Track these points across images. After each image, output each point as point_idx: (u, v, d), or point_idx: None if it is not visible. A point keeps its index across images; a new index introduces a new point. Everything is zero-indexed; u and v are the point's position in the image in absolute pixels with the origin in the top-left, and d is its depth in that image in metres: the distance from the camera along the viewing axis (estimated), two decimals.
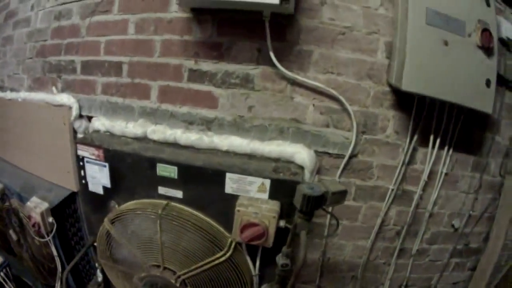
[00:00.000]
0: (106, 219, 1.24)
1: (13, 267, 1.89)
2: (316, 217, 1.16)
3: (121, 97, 1.31)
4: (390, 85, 1.19)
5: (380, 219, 1.32)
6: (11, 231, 1.70)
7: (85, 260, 1.64)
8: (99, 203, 1.29)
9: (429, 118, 1.23)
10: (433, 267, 1.48)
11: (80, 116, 1.40)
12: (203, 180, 1.13)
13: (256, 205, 1.09)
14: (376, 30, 1.18)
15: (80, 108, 1.39)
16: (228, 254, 1.14)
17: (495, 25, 1.10)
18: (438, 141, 1.26)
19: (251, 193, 1.13)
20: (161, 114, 1.26)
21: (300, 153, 1.18)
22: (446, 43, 1.03)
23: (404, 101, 1.20)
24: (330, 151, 1.22)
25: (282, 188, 1.12)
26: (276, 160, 1.19)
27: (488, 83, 1.10)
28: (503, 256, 1.45)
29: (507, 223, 1.38)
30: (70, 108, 1.39)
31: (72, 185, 1.46)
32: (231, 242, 1.15)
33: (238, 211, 1.07)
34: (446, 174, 1.32)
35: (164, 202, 1.17)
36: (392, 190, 1.29)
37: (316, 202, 0.91)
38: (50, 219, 1.42)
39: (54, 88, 1.50)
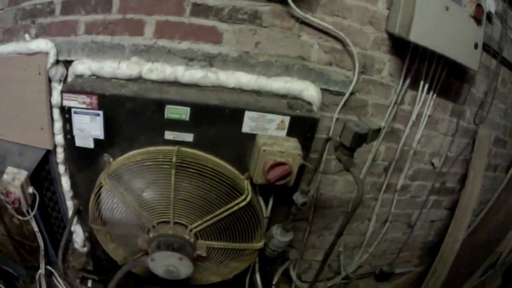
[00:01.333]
0: (102, 176, 1.06)
1: None
2: (313, 153, 1.19)
3: (109, 35, 1.12)
4: (388, 33, 1.27)
5: (372, 154, 1.40)
6: None
7: (61, 228, 1.41)
8: (88, 159, 1.09)
9: (419, 65, 1.34)
10: (413, 203, 1.63)
11: (56, 62, 1.17)
12: (217, 120, 1.04)
13: (279, 143, 1.06)
14: None
15: (58, 53, 1.16)
16: (248, 198, 1.08)
17: (485, 2, 1.31)
18: (426, 86, 1.39)
19: (269, 131, 1.08)
20: (157, 51, 1.12)
21: (308, 90, 1.17)
22: (447, 8, 1.20)
23: (399, 48, 1.28)
24: (331, 89, 1.25)
25: (299, 125, 1.10)
26: (284, 96, 1.17)
27: (476, 46, 1.31)
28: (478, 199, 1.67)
29: (482, 168, 1.59)
30: (46, 54, 1.15)
31: (47, 143, 1.22)
32: (249, 185, 1.10)
33: (264, 150, 1.02)
34: (429, 116, 1.46)
35: (174, 148, 1.05)
36: (384, 127, 1.38)
37: (362, 139, 0.91)
38: (31, 190, 1.17)
39: (27, 35, 1.24)
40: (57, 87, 1.15)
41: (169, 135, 1.02)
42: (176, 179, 0.99)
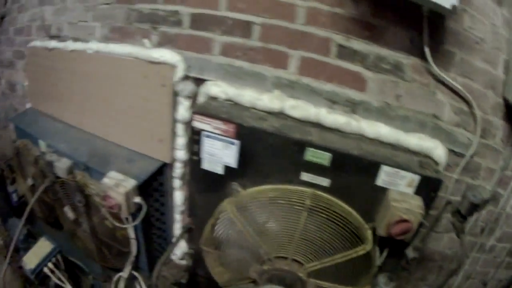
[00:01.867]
0: (228, 204, 1.06)
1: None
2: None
3: (249, 61, 1.11)
4: (504, 98, 1.27)
5: (476, 215, 1.41)
6: (66, 208, 1.36)
7: (161, 238, 1.42)
8: (214, 183, 1.09)
9: None
10: (493, 263, 1.65)
11: (185, 78, 1.16)
12: (355, 170, 1.04)
13: (406, 200, 1.06)
14: (498, 46, 1.24)
15: (187, 68, 1.15)
16: (368, 248, 1.09)
17: None
18: None
19: (399, 187, 1.09)
20: (300, 88, 1.11)
21: (438, 149, 1.16)
22: None
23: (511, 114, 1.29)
24: (455, 150, 1.25)
25: (426, 184, 1.10)
26: (416, 153, 1.17)
27: None
28: None
29: None
30: (173, 66, 1.14)
31: (165, 156, 1.21)
32: (371, 235, 1.10)
33: (394, 206, 1.03)
34: None
35: (309, 190, 1.05)
36: (490, 190, 1.39)
37: (476, 209, 0.95)
38: (137, 199, 1.16)
39: (146, 41, 1.21)
40: (184, 103, 1.14)
41: (305, 176, 1.02)
42: (305, 221, 0.99)
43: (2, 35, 2.71)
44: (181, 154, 1.20)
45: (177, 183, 1.25)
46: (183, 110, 1.13)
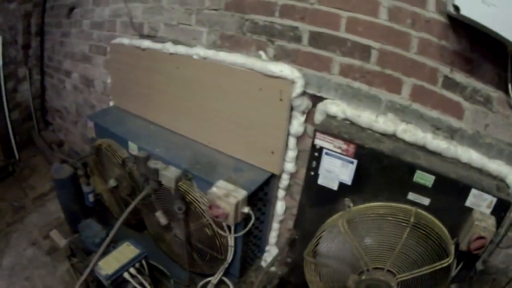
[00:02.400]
0: (340, 218, 1.16)
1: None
2: None
3: (366, 84, 1.20)
4: None
5: None
6: (159, 213, 1.33)
7: (255, 245, 1.45)
8: (326, 198, 1.21)
9: None
10: None
11: (302, 94, 1.19)
12: (450, 191, 1.18)
13: (485, 219, 1.21)
14: None
15: (305, 85, 1.18)
16: (450, 261, 1.23)
17: None
18: None
19: (481, 208, 1.24)
20: (410, 113, 1.24)
21: (511, 175, 1.33)
22: None
23: None
24: None
25: (499, 206, 1.26)
26: (494, 178, 1.32)
27: None
28: None
29: None
30: (292, 82, 1.17)
31: (274, 168, 1.31)
32: (454, 249, 1.25)
33: (477, 225, 1.17)
34: None
35: (413, 209, 1.16)
36: None
37: None
38: (246, 210, 1.19)
39: (262, 53, 1.22)
40: (299, 118, 1.22)
41: (411, 196, 1.16)
42: (407, 236, 1.10)
43: (73, 28, 2.49)
44: (290, 166, 1.27)
45: (281, 193, 1.32)
46: (297, 124, 1.19)
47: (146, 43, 1.66)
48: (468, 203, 1.23)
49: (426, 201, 1.21)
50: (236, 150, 1.44)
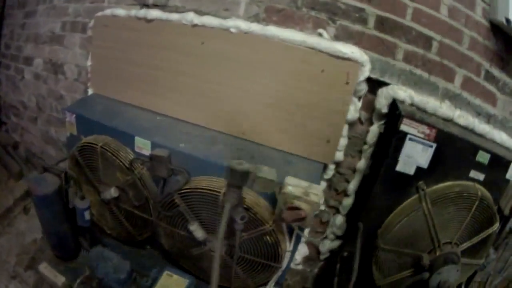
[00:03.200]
0: (423, 201, 1.22)
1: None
2: None
3: (427, 72, 1.30)
4: None
5: None
6: (194, 227, 1.21)
7: None
8: (401, 184, 1.27)
9: None
10: None
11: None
12: (498, 167, 1.37)
13: None
14: None
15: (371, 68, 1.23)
16: (497, 225, 1.41)
17: None
18: None
19: None
20: (460, 100, 1.39)
21: None
22: None
23: None
24: None
25: None
26: None
27: None
28: None
29: None
30: (361, 65, 1.19)
31: (327, 158, 1.29)
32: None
33: None
34: None
35: (477, 185, 1.30)
36: None
37: None
38: (323, 208, 1.13)
39: (324, 32, 1.21)
40: (356, 103, 1.28)
41: (472, 173, 1.31)
42: (475, 209, 1.31)
43: (41, 4, 2.04)
44: (339, 155, 1.30)
45: (322, 185, 1.30)
46: (353, 110, 1.23)
47: (155, 13, 1.37)
48: (508, 175, 1.43)
49: (481, 176, 1.36)
50: (281, 141, 1.30)
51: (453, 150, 1.26)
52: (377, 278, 1.39)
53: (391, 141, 1.20)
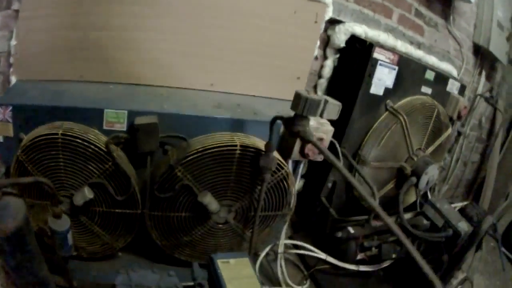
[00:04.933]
0: (399, 113, 1.48)
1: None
2: None
3: (372, 11, 1.57)
4: None
5: None
6: (208, 198, 1.18)
7: None
8: (374, 105, 1.48)
9: None
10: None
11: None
12: (440, 82, 1.71)
13: (460, 98, 1.79)
14: None
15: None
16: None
17: None
18: None
19: (453, 91, 1.79)
20: (397, 33, 1.70)
21: (453, 72, 1.96)
22: None
23: None
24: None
25: (461, 88, 1.85)
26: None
27: None
28: None
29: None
30: (326, 6, 1.38)
31: None
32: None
33: (461, 101, 1.77)
34: None
35: (427, 97, 1.59)
36: None
37: None
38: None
39: None
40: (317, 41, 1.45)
41: (423, 89, 1.60)
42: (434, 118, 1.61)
43: None
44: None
45: None
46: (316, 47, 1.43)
47: None
48: (448, 89, 1.77)
49: (429, 91, 1.66)
50: (252, 86, 1.35)
51: (409, 71, 1.52)
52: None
53: (365, 68, 1.38)
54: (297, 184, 1.40)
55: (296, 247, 1.51)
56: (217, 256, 1.00)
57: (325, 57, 1.54)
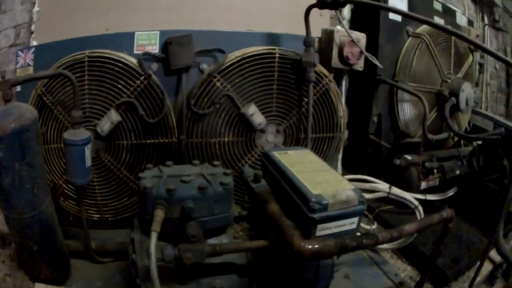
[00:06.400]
0: (423, 35, 1.48)
1: None
2: None
3: None
4: None
5: None
6: (252, 108, 1.11)
7: None
8: (396, 30, 1.48)
9: None
10: None
11: None
12: (449, 14, 1.72)
13: None
14: None
15: None
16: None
17: None
18: None
19: None
20: None
21: None
22: None
23: None
24: None
25: None
26: None
27: None
28: None
29: None
30: None
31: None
32: None
33: None
34: None
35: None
36: None
37: None
38: None
39: None
40: None
41: (436, 19, 1.63)
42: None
43: None
44: None
45: None
46: None
47: None
48: (457, 21, 1.78)
49: (442, 22, 1.67)
50: (279, 25, 1.24)
51: (418, 0, 1.57)
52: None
53: None
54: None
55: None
56: (272, 149, 0.86)
57: None
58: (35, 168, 0.80)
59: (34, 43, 1.36)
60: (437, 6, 1.68)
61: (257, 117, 1.12)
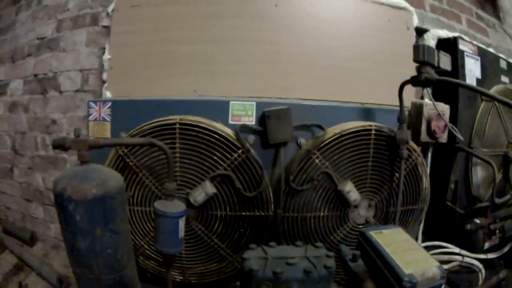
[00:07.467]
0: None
1: None
2: None
3: (445, 18, 1.73)
4: None
5: None
6: (349, 186, 1.17)
7: None
8: (472, 95, 1.52)
9: None
10: None
11: None
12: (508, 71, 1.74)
13: None
14: None
15: None
16: None
17: None
18: None
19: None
20: (470, 36, 1.82)
21: None
22: None
23: None
24: None
25: None
26: None
27: None
28: None
29: None
30: (411, 14, 1.52)
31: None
32: None
33: None
34: None
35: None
36: None
37: None
38: None
39: None
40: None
41: (502, 78, 1.66)
42: None
43: (22, 11, 1.89)
44: None
45: None
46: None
47: None
48: None
49: (507, 80, 1.71)
50: (370, 95, 1.37)
51: (487, 61, 1.61)
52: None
53: (456, 60, 1.45)
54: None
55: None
56: (368, 229, 0.96)
57: None
58: (120, 235, 0.79)
59: (108, 94, 1.39)
60: (503, 65, 1.72)
61: (353, 194, 1.17)
